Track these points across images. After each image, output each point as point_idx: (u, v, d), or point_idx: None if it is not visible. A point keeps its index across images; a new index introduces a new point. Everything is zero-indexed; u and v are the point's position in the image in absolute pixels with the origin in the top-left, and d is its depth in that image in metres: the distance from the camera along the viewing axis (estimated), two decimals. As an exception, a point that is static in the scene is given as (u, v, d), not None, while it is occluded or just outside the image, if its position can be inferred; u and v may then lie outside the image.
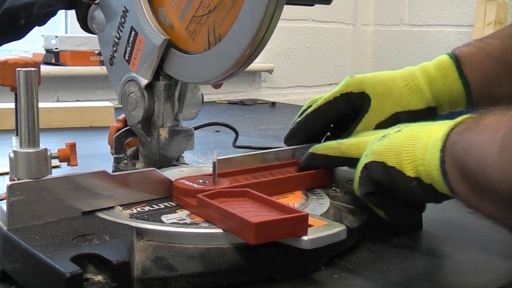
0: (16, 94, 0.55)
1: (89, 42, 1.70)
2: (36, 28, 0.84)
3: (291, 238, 0.50)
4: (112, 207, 0.57)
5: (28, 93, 0.53)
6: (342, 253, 0.58)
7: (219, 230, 0.52)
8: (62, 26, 1.89)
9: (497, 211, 0.47)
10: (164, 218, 0.55)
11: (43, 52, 1.72)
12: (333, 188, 0.70)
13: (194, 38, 0.67)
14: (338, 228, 0.52)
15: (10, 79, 0.64)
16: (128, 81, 0.75)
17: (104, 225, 0.53)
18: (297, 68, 2.44)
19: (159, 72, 0.72)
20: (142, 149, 0.76)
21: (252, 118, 1.54)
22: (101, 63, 1.72)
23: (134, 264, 0.47)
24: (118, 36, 0.75)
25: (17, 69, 0.53)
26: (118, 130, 0.78)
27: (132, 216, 0.56)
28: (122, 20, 0.74)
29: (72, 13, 1.86)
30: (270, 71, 2.30)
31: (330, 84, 2.60)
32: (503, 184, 0.43)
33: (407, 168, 0.55)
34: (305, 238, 0.49)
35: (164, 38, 0.69)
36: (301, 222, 0.50)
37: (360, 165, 0.60)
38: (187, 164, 0.78)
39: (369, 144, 0.62)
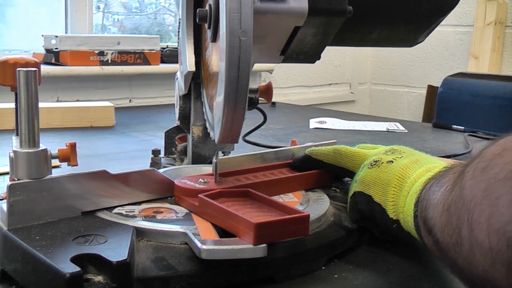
0: (16, 94, 0.55)
1: (89, 42, 1.70)
2: (36, 28, 0.84)
3: (192, 243, 0.49)
4: (112, 207, 0.57)
5: (28, 93, 0.53)
6: (342, 253, 0.58)
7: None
8: (62, 26, 1.89)
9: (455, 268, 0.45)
10: (118, 209, 0.57)
11: (43, 52, 1.72)
12: (333, 188, 0.70)
13: None
14: (246, 246, 0.47)
15: (10, 79, 0.64)
16: (176, 79, 0.78)
17: (104, 225, 0.53)
18: (297, 68, 2.44)
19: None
20: (188, 145, 0.78)
21: (252, 118, 1.53)
22: (101, 63, 1.71)
23: (134, 264, 0.47)
24: None
25: (18, 69, 0.53)
26: None
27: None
28: None
29: (72, 13, 1.87)
30: (270, 71, 2.30)
31: (330, 84, 2.60)
32: (443, 245, 0.42)
33: (391, 210, 0.56)
34: (204, 247, 0.47)
35: None
36: (302, 223, 0.50)
37: (350, 192, 0.62)
38: None
39: (363, 161, 0.63)
